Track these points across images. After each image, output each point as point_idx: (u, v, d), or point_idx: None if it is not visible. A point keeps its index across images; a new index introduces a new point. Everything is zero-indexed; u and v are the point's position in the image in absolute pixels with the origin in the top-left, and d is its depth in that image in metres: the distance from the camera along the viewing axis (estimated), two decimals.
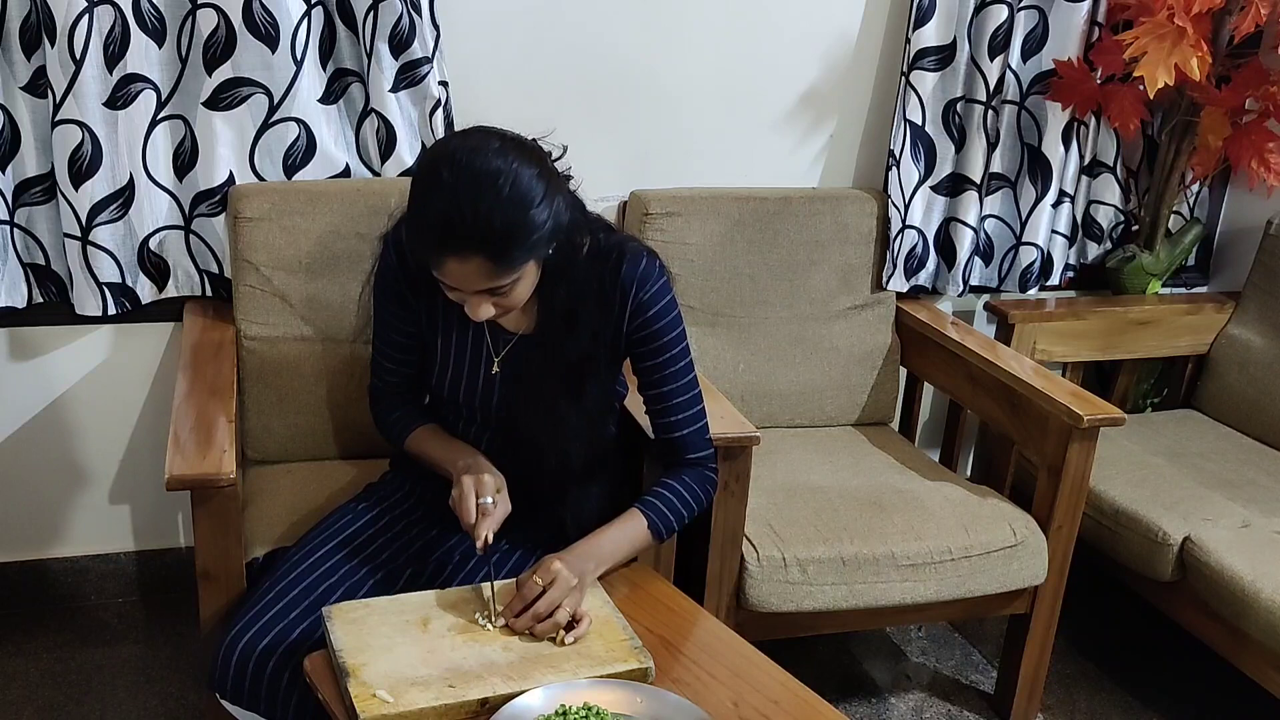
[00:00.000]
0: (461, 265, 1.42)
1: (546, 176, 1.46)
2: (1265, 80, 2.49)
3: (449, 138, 1.54)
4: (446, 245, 1.41)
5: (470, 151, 1.42)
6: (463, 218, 1.38)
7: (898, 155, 2.45)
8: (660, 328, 1.63)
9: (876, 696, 2.37)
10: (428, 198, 1.42)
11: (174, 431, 1.72)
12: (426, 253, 1.44)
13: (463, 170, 1.40)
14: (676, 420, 1.69)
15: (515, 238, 1.41)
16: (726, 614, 1.97)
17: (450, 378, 1.70)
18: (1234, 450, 2.55)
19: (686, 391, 1.68)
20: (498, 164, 1.41)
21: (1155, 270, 2.72)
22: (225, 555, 1.67)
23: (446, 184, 1.40)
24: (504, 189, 1.40)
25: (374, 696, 1.31)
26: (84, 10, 1.93)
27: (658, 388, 1.68)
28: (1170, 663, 2.54)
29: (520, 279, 1.47)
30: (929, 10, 2.36)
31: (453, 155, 1.42)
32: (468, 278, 1.43)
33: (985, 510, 2.14)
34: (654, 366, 1.66)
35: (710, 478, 1.73)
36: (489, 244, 1.40)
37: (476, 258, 1.41)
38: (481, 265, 1.41)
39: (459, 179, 1.39)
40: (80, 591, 2.44)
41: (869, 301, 2.50)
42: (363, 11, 2.08)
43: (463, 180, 1.39)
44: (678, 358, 1.66)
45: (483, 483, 1.58)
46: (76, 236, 2.06)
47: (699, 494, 1.70)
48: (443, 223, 1.40)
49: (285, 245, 2.06)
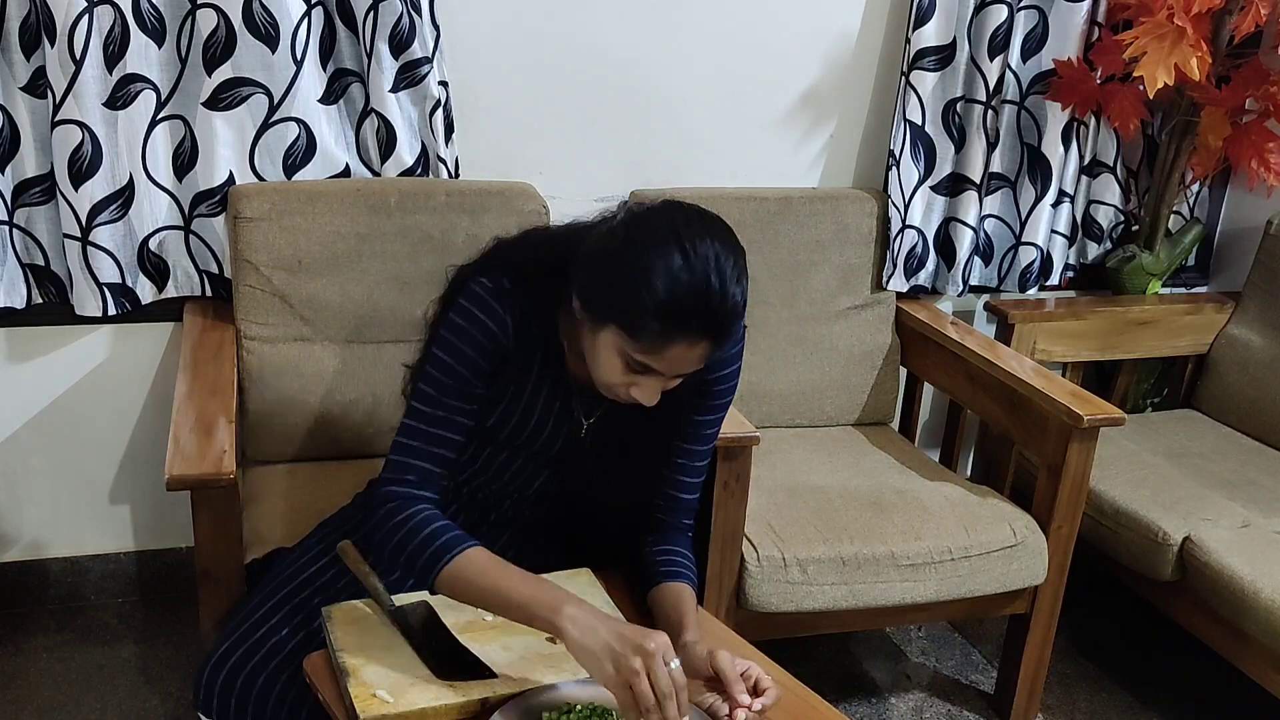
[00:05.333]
0: (688, 351, 1.29)
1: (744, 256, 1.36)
2: (1265, 80, 2.49)
3: (671, 210, 1.34)
4: (686, 329, 1.27)
5: (706, 225, 1.31)
6: (711, 302, 1.26)
7: (898, 155, 2.45)
8: (720, 389, 1.55)
9: (876, 696, 2.37)
10: (671, 273, 1.26)
11: (174, 431, 1.72)
12: (649, 330, 1.28)
13: (710, 248, 1.28)
14: (686, 481, 1.60)
15: (739, 319, 1.32)
16: (726, 614, 1.97)
17: (533, 427, 1.54)
18: (1234, 450, 2.56)
19: (706, 457, 1.61)
20: (727, 237, 1.31)
21: (1155, 270, 2.72)
22: (225, 555, 1.66)
23: (696, 264, 1.26)
24: (739, 265, 1.30)
25: (374, 696, 1.31)
26: (84, 10, 1.93)
27: (687, 441, 1.57)
28: (1170, 663, 2.54)
29: None
30: (929, 10, 2.36)
31: (696, 232, 1.29)
32: (683, 362, 1.31)
33: (985, 510, 2.14)
34: (695, 422, 1.57)
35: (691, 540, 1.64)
36: (724, 330, 1.30)
37: (705, 342, 1.29)
38: (704, 350, 1.30)
39: (709, 260, 1.27)
40: (80, 591, 2.44)
41: (869, 301, 2.50)
42: (363, 11, 2.08)
43: (711, 260, 1.27)
44: (716, 423, 1.59)
45: (664, 641, 1.24)
46: (76, 237, 2.06)
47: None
48: (691, 305, 1.26)
49: (285, 245, 2.06)
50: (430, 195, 2.13)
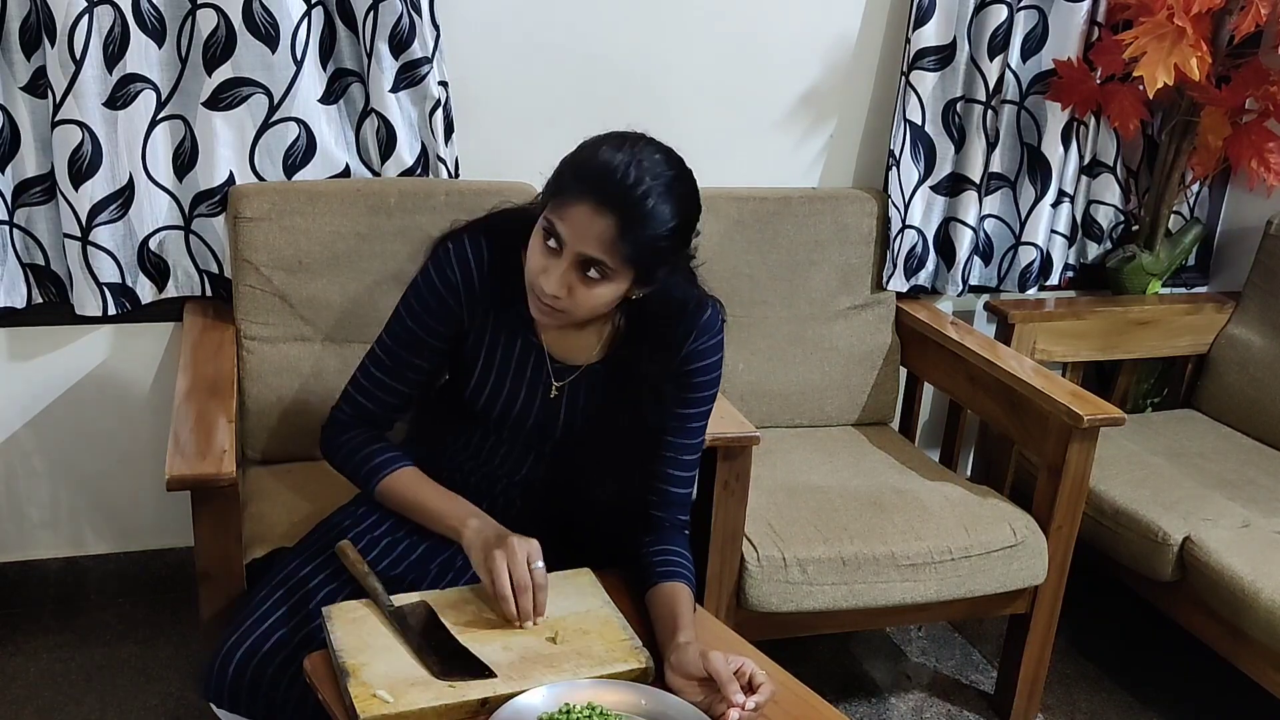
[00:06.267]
0: (592, 217, 1.37)
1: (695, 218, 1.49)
2: (1265, 80, 2.49)
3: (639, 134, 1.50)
4: (595, 191, 1.37)
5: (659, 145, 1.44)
6: (625, 177, 1.37)
7: (897, 155, 2.45)
8: (700, 381, 1.59)
9: (876, 696, 2.37)
10: (600, 148, 1.41)
11: (174, 431, 1.71)
12: (567, 188, 1.39)
13: (647, 148, 1.42)
14: (676, 475, 1.63)
15: (654, 225, 1.39)
16: (726, 614, 1.97)
17: (506, 395, 1.62)
18: (1234, 450, 2.56)
19: (695, 451, 1.64)
20: (678, 169, 1.43)
21: (1155, 270, 2.72)
22: (225, 555, 1.66)
23: (626, 149, 1.40)
24: (674, 189, 1.41)
25: (374, 696, 1.31)
26: (84, 10, 1.93)
27: (672, 435, 1.62)
28: (1170, 663, 2.54)
29: (613, 280, 1.43)
30: (929, 10, 2.36)
31: (642, 136, 1.44)
32: (587, 232, 1.38)
33: (985, 510, 2.14)
34: (678, 415, 1.61)
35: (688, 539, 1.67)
36: (632, 214, 1.38)
37: (611, 217, 1.37)
38: (608, 228, 1.37)
39: (639, 151, 1.40)
40: (80, 591, 2.44)
41: (869, 301, 2.50)
42: (363, 11, 2.08)
43: (643, 154, 1.40)
44: (699, 416, 1.62)
45: (533, 547, 1.44)
46: (76, 236, 2.06)
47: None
48: (604, 171, 1.38)
49: (285, 245, 2.06)
50: (430, 195, 2.13)
